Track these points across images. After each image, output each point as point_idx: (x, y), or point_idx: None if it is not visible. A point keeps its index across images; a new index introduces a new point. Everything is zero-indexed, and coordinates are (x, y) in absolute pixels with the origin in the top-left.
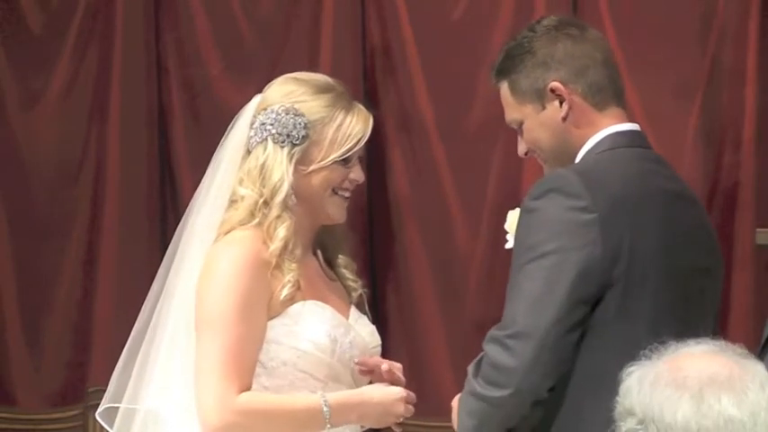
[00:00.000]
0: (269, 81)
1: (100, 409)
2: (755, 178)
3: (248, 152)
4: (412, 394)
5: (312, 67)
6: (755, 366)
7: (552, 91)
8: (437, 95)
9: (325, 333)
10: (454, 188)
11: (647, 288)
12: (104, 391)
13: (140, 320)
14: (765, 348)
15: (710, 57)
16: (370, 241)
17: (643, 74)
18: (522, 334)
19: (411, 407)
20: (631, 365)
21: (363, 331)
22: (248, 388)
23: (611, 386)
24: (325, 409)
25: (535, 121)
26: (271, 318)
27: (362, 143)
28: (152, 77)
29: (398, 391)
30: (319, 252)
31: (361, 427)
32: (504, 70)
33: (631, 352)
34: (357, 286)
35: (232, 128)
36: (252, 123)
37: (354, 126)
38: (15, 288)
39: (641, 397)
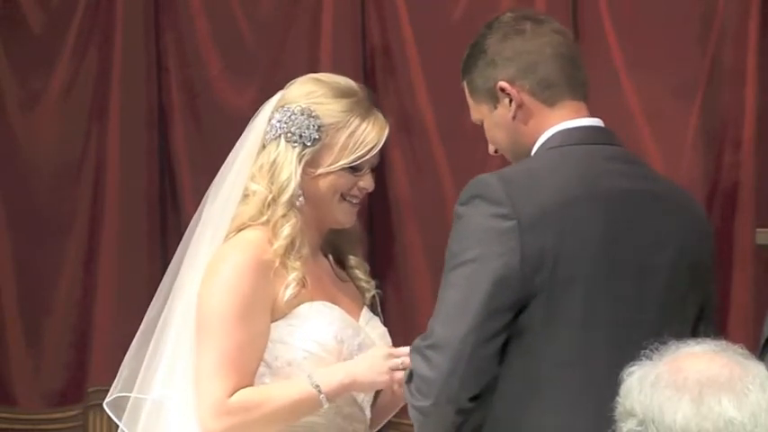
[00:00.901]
0: (269, 81)
1: (108, 398)
2: (755, 178)
3: (263, 147)
4: (398, 351)
5: (312, 67)
6: (756, 367)
7: (502, 90)
8: (437, 95)
9: (332, 334)
10: (454, 188)
11: (576, 293)
12: (104, 391)
13: (149, 316)
14: (765, 348)
15: (710, 57)
16: (371, 242)
17: (643, 74)
18: (439, 345)
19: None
20: (632, 365)
21: (374, 333)
22: None
23: (543, 392)
24: (321, 396)
25: (491, 121)
26: (277, 318)
27: (374, 152)
28: (152, 77)
29: (382, 347)
30: (330, 253)
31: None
32: (463, 70)
33: (562, 358)
34: (370, 287)
35: (252, 122)
36: (270, 119)
37: (368, 134)
38: (15, 288)
39: (642, 397)
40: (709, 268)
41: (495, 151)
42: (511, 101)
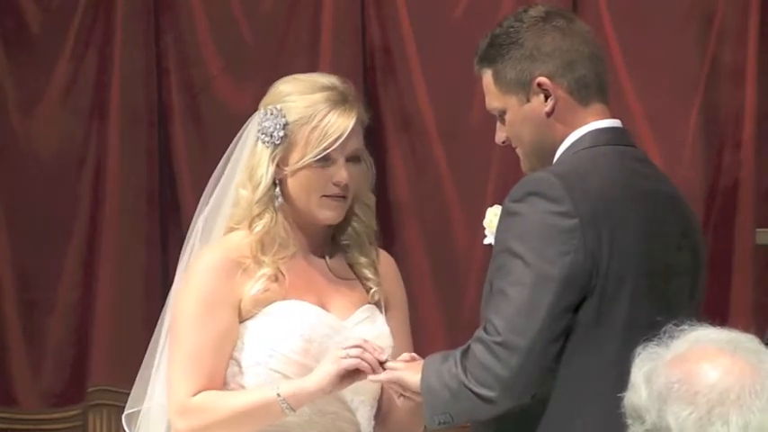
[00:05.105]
0: (269, 81)
1: (126, 412)
2: (755, 178)
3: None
4: (352, 351)
5: (312, 67)
6: (767, 362)
7: (539, 85)
8: (437, 95)
9: (298, 333)
10: (454, 188)
11: (624, 292)
12: (104, 390)
13: (159, 324)
14: None
15: (710, 57)
16: None
17: (643, 73)
18: (509, 344)
19: (357, 361)
20: (641, 351)
21: (369, 334)
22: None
23: (589, 390)
24: (283, 405)
25: (518, 114)
26: (248, 318)
27: (339, 143)
28: (152, 77)
29: (336, 351)
30: (328, 252)
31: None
32: (488, 58)
33: (607, 357)
34: (373, 285)
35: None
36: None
37: (331, 126)
38: (15, 288)
39: (650, 404)
40: (705, 268)
41: (504, 142)
42: (547, 97)
